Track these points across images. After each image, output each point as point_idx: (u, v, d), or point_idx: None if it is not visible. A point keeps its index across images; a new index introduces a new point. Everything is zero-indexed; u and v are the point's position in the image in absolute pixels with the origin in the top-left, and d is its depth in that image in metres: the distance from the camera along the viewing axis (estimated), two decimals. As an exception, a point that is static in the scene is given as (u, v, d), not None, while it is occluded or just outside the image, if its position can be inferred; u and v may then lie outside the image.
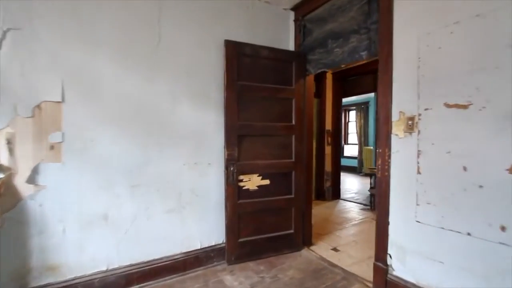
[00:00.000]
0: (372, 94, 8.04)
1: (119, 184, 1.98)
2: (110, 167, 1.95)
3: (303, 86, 2.69)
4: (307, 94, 2.75)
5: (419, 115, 1.72)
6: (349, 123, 10.19)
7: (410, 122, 1.76)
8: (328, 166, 5.33)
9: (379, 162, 1.95)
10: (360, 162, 9.22)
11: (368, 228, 3.48)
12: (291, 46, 2.79)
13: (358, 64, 4.75)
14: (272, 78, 2.53)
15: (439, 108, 1.61)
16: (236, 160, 2.36)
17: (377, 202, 2.00)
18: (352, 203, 4.98)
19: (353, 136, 10.03)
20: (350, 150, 10.02)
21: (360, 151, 9.24)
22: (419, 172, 1.72)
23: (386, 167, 1.90)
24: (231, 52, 2.33)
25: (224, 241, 2.40)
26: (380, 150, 1.94)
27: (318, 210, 4.41)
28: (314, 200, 5.10)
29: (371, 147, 8.66)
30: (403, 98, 1.82)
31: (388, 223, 1.90)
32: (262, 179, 2.50)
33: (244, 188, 2.42)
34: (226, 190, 2.34)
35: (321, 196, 5.21)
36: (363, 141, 9.19)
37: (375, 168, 4.41)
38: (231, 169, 2.32)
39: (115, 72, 1.97)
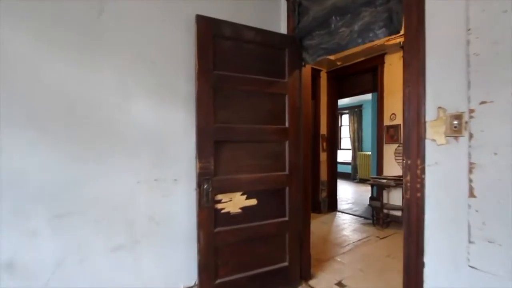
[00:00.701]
0: (366, 97, 7.63)
1: (35, 215, 1.35)
2: (21, 190, 1.32)
3: (298, 79, 2.14)
4: (303, 89, 2.20)
5: (471, 111, 1.19)
6: (342, 128, 9.78)
7: (456, 122, 1.23)
8: (323, 175, 4.79)
9: (408, 178, 1.41)
10: (354, 168, 8.78)
11: (374, 250, 2.94)
12: (282, 31, 2.25)
13: (355, 61, 4.29)
14: (259, 68, 1.97)
15: (506, 100, 1.08)
16: (212, 174, 1.77)
17: (405, 234, 1.44)
18: (350, 216, 4.44)
19: (346, 141, 9.61)
20: (343, 155, 9.58)
21: (354, 157, 8.81)
22: (472, 195, 1.18)
23: (418, 185, 1.36)
24: (204, 32, 1.75)
25: (197, 283, 1.78)
26: (409, 162, 1.40)
27: (315, 225, 3.83)
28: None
29: (368, 152, 8.23)
30: (443, 88, 1.29)
31: (422, 265, 1.35)
32: (247, 198, 1.92)
33: (223, 211, 1.83)
34: (199, 215, 1.73)
35: (316, 208, 4.65)
36: (357, 146, 8.76)
37: (379, 178, 3.95)
38: (205, 186, 1.73)
39: (34, 52, 1.36)
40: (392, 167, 3.83)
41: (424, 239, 1.35)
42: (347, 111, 9.12)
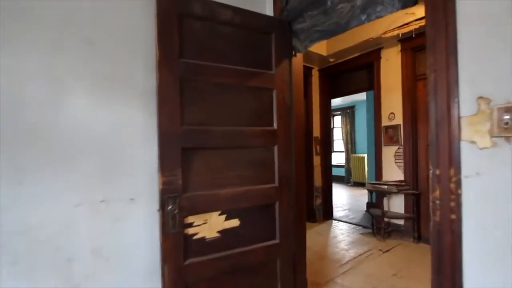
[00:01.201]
0: (359, 97, 7.38)
1: None
2: None
3: (288, 71, 1.78)
4: (294, 83, 1.84)
5: (530, 101, 0.85)
6: (334, 129, 9.50)
7: (507, 118, 0.88)
8: (317, 180, 4.44)
9: (436, 193, 1.05)
10: (348, 171, 8.50)
11: (378, 268, 2.58)
12: (268, 13, 1.89)
13: (349, 58, 3.98)
14: (240, 57, 1.59)
15: None
16: (180, 190, 1.37)
17: (434, 269, 1.09)
18: (347, 225, 4.10)
19: (338, 143, 9.34)
20: (336, 158, 9.29)
21: (347, 159, 8.53)
22: (537, 220, 0.84)
23: (453, 204, 1.00)
24: (167, 9, 1.37)
25: (163, 332, 1.37)
26: (438, 172, 1.04)
27: (310, 237, 3.46)
28: (302, 223, 4.18)
29: (362, 155, 7.96)
30: (484, 72, 0.94)
31: (461, 313, 0.99)
32: (227, 218, 1.53)
33: (196, 237, 1.43)
34: (163, 245, 1.33)
35: (311, 217, 4.29)
36: (350, 148, 8.50)
37: (378, 184, 3.66)
38: (170, 207, 1.33)
39: None
40: (392, 171, 3.51)
41: (463, 276, 0.99)
42: (339, 112, 8.86)
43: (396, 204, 3.49)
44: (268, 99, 1.68)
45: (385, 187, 3.25)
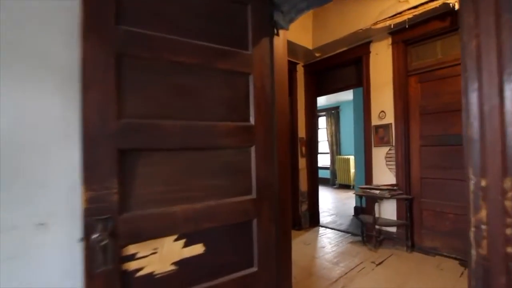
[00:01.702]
0: (344, 97, 7.20)
1: None
2: None
3: (269, 52, 1.41)
4: (277, 69, 1.48)
5: None
6: (319, 130, 9.30)
7: None
8: (303, 185, 4.12)
9: (482, 214, 0.72)
10: (333, 173, 8.29)
11: (374, 285, 2.27)
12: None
13: (336, 52, 3.70)
14: (206, 30, 1.21)
15: None
16: (116, 210, 0.97)
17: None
18: (335, 232, 3.79)
19: (323, 144, 9.14)
20: (321, 160, 9.08)
21: (333, 161, 8.33)
22: None
23: (510, 231, 0.67)
24: (96, -48, 0.96)
25: None
26: (484, 184, 0.71)
27: (296, 248, 3.11)
28: (287, 232, 3.84)
29: (348, 156, 7.77)
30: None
31: None
32: (186, 244, 1.13)
33: (140, 274, 1.03)
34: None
35: (296, 224, 3.96)
36: (335, 149, 8.30)
37: (369, 188, 3.21)
38: (98, 235, 0.92)
39: None
40: (383, 174, 3.24)
41: None
42: (324, 113, 8.66)
43: (388, 210, 3.22)
44: (243, 87, 1.31)
45: (377, 192, 2.98)
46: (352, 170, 7.69)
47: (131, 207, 1.01)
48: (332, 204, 5.82)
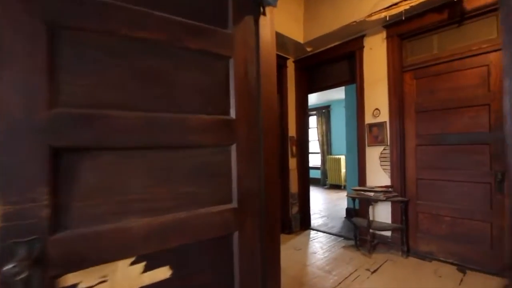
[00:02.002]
0: (336, 95, 7.07)
1: None
2: None
3: (254, 32, 1.20)
4: (263, 53, 1.26)
5: None
6: (309, 130, 9.17)
7: None
8: (293, 186, 3.94)
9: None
10: (324, 173, 8.17)
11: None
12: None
13: (328, 47, 3.52)
14: (174, 0, 0.98)
15: None
16: (47, 228, 0.73)
17: None
18: (327, 236, 3.62)
19: (313, 144, 9.01)
20: (312, 159, 8.95)
21: (323, 161, 8.21)
22: None
23: None
24: None
25: None
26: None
27: (286, 254, 2.93)
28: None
29: (339, 156, 7.66)
30: None
31: None
32: (147, 269, 0.90)
33: (83, 310, 0.79)
34: (7, 336, 0.67)
35: (286, 228, 3.77)
36: (326, 149, 8.18)
37: (363, 190, 2.93)
38: (14, 265, 0.67)
39: None
40: (378, 175, 3.08)
41: None
42: (315, 112, 8.53)
43: (382, 213, 3.07)
44: (222, 73, 1.09)
45: (371, 194, 2.81)
46: (343, 170, 7.59)
47: (69, 224, 0.77)
48: (323, 205, 5.66)
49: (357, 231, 3.16)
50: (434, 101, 2.77)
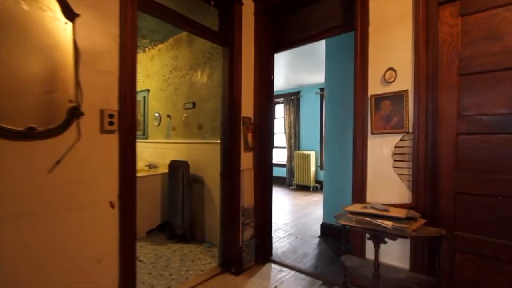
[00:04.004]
0: (307, 79, 5.80)
1: None
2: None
3: None
4: None
5: None
6: (275, 120, 7.88)
7: None
8: (247, 196, 2.51)
9: None
10: (290, 171, 6.94)
11: None
12: None
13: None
14: None
15: None
16: None
17: None
18: (298, 277, 2.27)
19: (279, 137, 7.73)
20: (276, 155, 7.70)
21: (290, 157, 6.97)
22: None
23: None
24: None
25: None
26: None
27: None
28: (217, 275, 2.19)
29: (308, 152, 6.45)
30: None
31: None
32: None
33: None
34: None
35: (233, 263, 2.33)
36: (293, 143, 6.94)
37: (368, 215, 1.40)
38: None
39: None
40: (387, 184, 1.79)
41: None
42: (281, 99, 7.23)
43: (391, 248, 1.78)
44: None
45: (388, 224, 1.48)
46: (313, 168, 6.43)
47: None
48: (289, 215, 4.36)
49: (348, 276, 1.85)
50: (497, 55, 1.52)
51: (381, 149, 1.82)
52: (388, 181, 1.79)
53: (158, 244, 3.02)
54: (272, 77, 2.63)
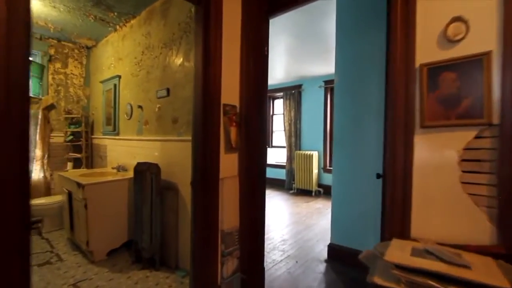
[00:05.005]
0: (310, 70, 5.09)
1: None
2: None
3: None
4: None
5: None
6: (274, 117, 7.17)
7: None
8: (230, 215, 1.80)
9: None
10: (290, 173, 6.25)
11: None
12: None
13: None
14: None
15: None
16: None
17: None
18: None
19: (279, 135, 7.04)
20: (275, 155, 7.00)
21: (290, 158, 6.28)
22: None
23: None
24: None
25: None
26: None
27: None
28: None
29: (311, 152, 5.76)
30: None
31: None
32: None
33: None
34: None
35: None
36: (294, 142, 6.24)
37: (430, 276, 0.53)
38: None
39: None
40: (448, 209, 1.09)
41: None
42: (281, 93, 6.53)
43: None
44: None
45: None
46: (315, 170, 5.73)
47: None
48: (289, 227, 3.67)
49: None
50: None
51: (440, 153, 1.12)
52: (451, 205, 1.09)
53: (117, 271, 2.33)
54: (266, 49, 1.92)
